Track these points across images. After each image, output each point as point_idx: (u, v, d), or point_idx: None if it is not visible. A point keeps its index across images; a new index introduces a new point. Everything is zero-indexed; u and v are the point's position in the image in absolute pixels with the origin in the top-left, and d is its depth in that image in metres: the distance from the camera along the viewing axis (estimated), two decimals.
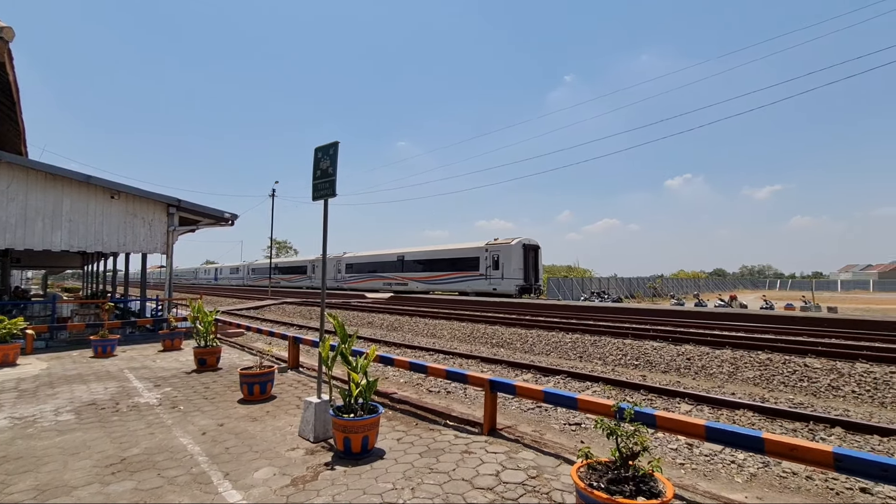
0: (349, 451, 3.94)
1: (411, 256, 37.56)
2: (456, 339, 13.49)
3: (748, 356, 9.00)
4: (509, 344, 12.26)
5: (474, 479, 3.50)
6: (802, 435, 5.41)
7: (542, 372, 8.66)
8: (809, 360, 8.42)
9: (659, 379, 8.36)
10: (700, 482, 4.12)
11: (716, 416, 6.11)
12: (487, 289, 30.33)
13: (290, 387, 6.66)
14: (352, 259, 44.33)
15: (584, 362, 10.02)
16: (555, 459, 3.92)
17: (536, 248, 30.67)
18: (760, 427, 5.69)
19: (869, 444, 5.07)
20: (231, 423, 4.96)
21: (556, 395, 4.12)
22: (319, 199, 4.76)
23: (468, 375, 4.91)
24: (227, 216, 13.81)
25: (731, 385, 7.94)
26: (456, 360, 10.08)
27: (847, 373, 7.69)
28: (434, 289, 35.29)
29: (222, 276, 71.33)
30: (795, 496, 3.92)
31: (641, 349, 10.20)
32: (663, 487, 2.38)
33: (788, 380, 7.81)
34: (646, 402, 6.77)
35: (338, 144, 4.61)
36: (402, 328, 15.96)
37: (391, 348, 11.72)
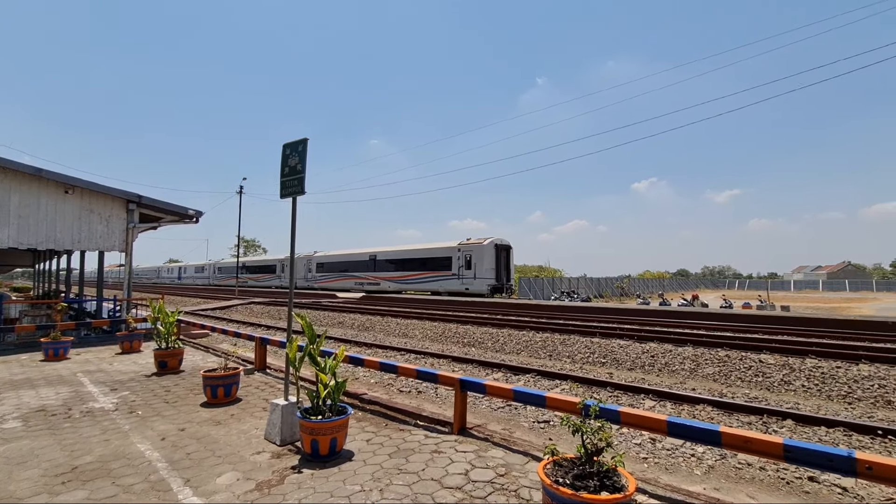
0: (317, 454, 3.88)
1: (384, 256, 37.28)
2: (428, 339, 13.48)
3: (708, 353, 9.38)
4: (481, 343, 12.35)
5: (444, 479, 3.50)
6: (757, 428, 5.67)
7: (512, 371, 8.75)
8: (764, 357, 8.84)
9: (625, 376, 8.60)
10: (662, 475, 4.26)
11: (678, 412, 6.33)
12: (460, 288, 30.45)
13: (256, 389, 6.49)
14: (322, 258, 43.61)
15: (554, 361, 10.20)
16: (523, 457, 3.97)
17: (508, 248, 31.00)
18: (719, 421, 5.93)
19: (817, 435, 5.37)
20: (193, 428, 4.79)
21: (526, 394, 4.17)
22: (288, 197, 4.66)
23: (439, 375, 4.92)
24: (191, 213, 13.32)
25: (693, 381, 8.25)
26: (427, 359, 10.07)
27: (798, 368, 8.12)
28: (406, 288, 35.15)
29: (186, 276, 68.86)
30: (749, 486, 4.11)
31: (609, 347, 10.46)
32: (626, 482, 2.44)
33: (745, 375, 8.18)
34: (612, 399, 6.95)
35: (307, 141, 4.52)
36: (373, 328, 15.82)
37: (362, 348, 11.59)
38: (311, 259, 44.51)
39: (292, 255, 4.66)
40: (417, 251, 34.76)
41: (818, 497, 3.89)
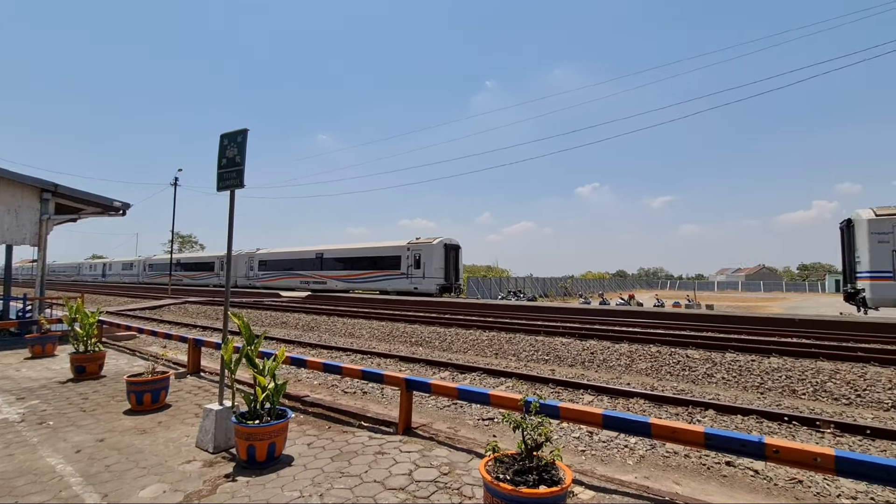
0: (253, 460, 3.70)
1: (331, 254, 36.38)
2: (375, 339, 13.31)
3: (642, 349, 9.96)
4: (428, 342, 12.36)
5: (387, 480, 3.46)
6: (683, 418, 6.09)
7: (459, 369, 8.83)
8: (691, 352, 9.53)
9: (566, 372, 8.93)
10: (598, 467, 4.46)
11: (614, 405, 6.67)
12: (409, 288, 30.32)
13: (188, 394, 6.10)
14: (266, 256, 41.84)
15: (500, 359, 10.40)
16: (467, 455, 4.01)
17: (457, 247, 31.29)
18: (650, 413, 6.31)
19: (734, 423, 5.85)
20: (114, 438, 4.41)
21: (470, 392, 4.22)
22: (225, 190, 4.41)
23: (384, 375, 4.86)
24: (117, 205, 12.28)
25: (628, 376, 8.72)
26: (374, 359, 9.94)
27: (719, 362, 8.81)
28: (354, 287, 34.51)
29: (112, 273, 63.52)
30: (675, 472, 4.40)
31: (552, 345, 10.83)
32: (563, 475, 2.53)
33: (674, 370, 8.76)
34: (553, 395, 7.19)
35: (247, 132, 4.30)
36: (318, 328, 15.38)
37: (306, 349, 11.23)
38: (254, 256, 42.58)
39: (229, 252, 4.42)
40: (366, 249, 34.24)
41: (733, 480, 4.23)
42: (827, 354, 8.85)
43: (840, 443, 5.18)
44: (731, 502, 3.75)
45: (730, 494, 3.96)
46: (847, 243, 18.43)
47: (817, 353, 8.98)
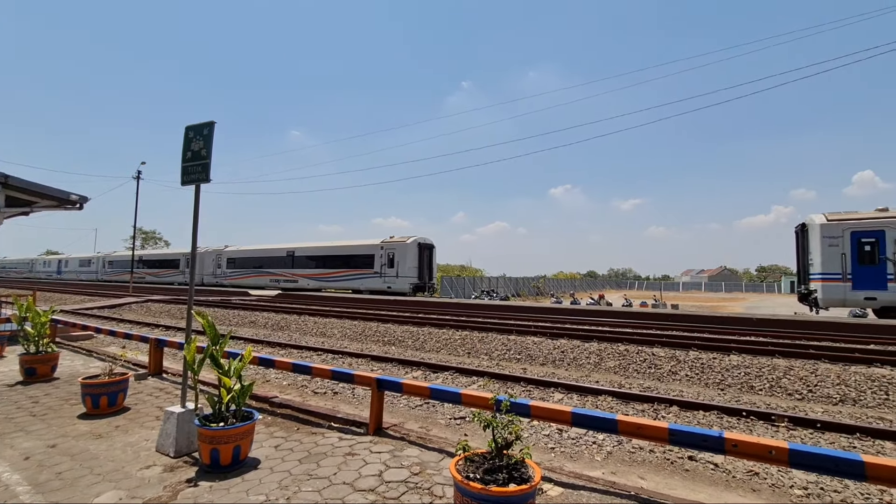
0: (217, 464, 3.58)
1: (303, 252, 35.71)
2: (346, 338, 13.14)
3: (610, 348, 10.19)
4: (401, 342, 12.29)
5: (356, 482, 3.41)
6: (648, 415, 6.26)
7: (431, 369, 8.82)
8: (657, 350, 9.82)
9: (538, 371, 9.05)
10: (567, 463, 4.53)
11: (582, 403, 6.79)
12: (382, 287, 30.09)
13: (149, 396, 5.86)
14: (234, 253, 40.70)
15: (473, 358, 10.45)
16: (438, 454, 4.01)
17: (431, 247, 31.25)
18: (617, 410, 6.46)
19: (696, 419, 6.06)
20: (67, 444, 4.19)
21: (442, 391, 4.21)
22: (190, 184, 4.25)
23: (355, 375, 4.79)
24: (73, 198, 11.65)
25: (597, 374, 8.91)
26: (346, 359, 9.81)
27: (683, 360, 9.12)
28: (326, 286, 33.99)
29: (69, 269, 60.41)
30: (641, 468, 4.52)
31: (524, 344, 10.95)
32: (532, 472, 2.55)
33: (640, 367, 9.00)
34: (525, 393, 7.26)
35: (213, 125, 4.16)
36: (288, 327, 15.06)
37: (275, 349, 10.98)
38: (222, 254, 41.35)
39: (194, 248, 4.26)
40: (339, 248, 33.78)
41: (695, 474, 4.38)
42: (782, 352, 9.29)
43: (793, 436, 5.44)
44: (691, 495, 3.88)
45: (691, 488, 4.10)
46: (801, 246, 19.40)
47: (773, 350, 9.41)
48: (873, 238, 16.88)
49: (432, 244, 31.39)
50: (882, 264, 16.62)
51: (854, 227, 17.24)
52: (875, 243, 16.83)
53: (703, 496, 3.89)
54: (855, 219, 17.50)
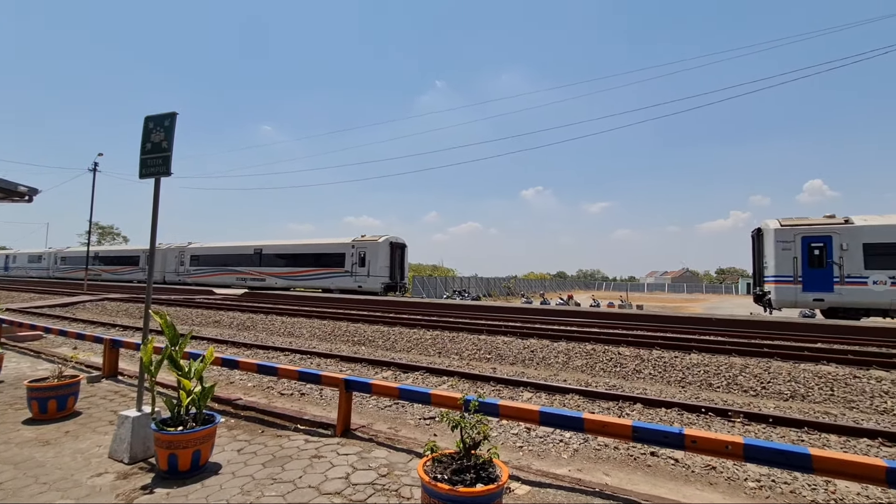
0: (175, 470, 3.43)
1: (271, 250, 34.84)
2: (316, 338, 12.89)
3: (578, 347, 10.41)
4: (371, 341, 12.17)
5: (322, 485, 3.34)
6: (614, 412, 6.43)
7: (401, 369, 8.76)
8: (622, 349, 10.09)
9: (507, 370, 9.14)
10: (534, 462, 4.59)
11: (551, 402, 6.90)
12: (353, 286, 29.72)
13: (103, 400, 5.57)
14: (199, 250, 39.31)
15: (443, 358, 10.45)
16: (407, 455, 3.98)
17: (403, 246, 31.09)
18: (584, 408, 6.59)
19: (658, 416, 6.26)
20: (10, 451, 3.93)
21: (411, 392, 4.18)
22: (148, 177, 4.06)
23: (322, 375, 4.70)
24: (22, 189, 10.94)
25: (565, 373, 9.07)
26: (314, 359, 9.62)
27: (647, 358, 9.41)
28: (295, 285, 33.29)
29: (16, 266, 56.85)
30: (605, 464, 4.63)
31: (494, 344, 11.04)
32: (500, 472, 2.56)
33: (606, 366, 9.23)
34: (494, 393, 7.32)
35: (175, 116, 3.98)
36: (255, 327, 14.66)
37: (240, 349, 10.66)
38: (185, 251, 39.87)
39: (153, 244, 4.08)
40: (309, 246, 33.15)
41: (656, 469, 4.52)
42: (738, 351, 9.72)
43: (748, 431, 5.70)
44: (653, 490, 3.99)
45: (653, 483, 4.22)
46: (757, 250, 20.37)
47: (730, 349, 9.83)
48: (822, 243, 17.90)
49: (404, 243, 31.24)
50: (829, 268, 17.65)
51: (804, 232, 18.23)
52: (823, 248, 17.85)
53: (663, 491, 4.02)
54: (805, 224, 18.52)
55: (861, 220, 17.85)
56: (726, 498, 3.96)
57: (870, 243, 17.24)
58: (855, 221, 17.85)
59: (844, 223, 17.93)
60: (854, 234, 17.48)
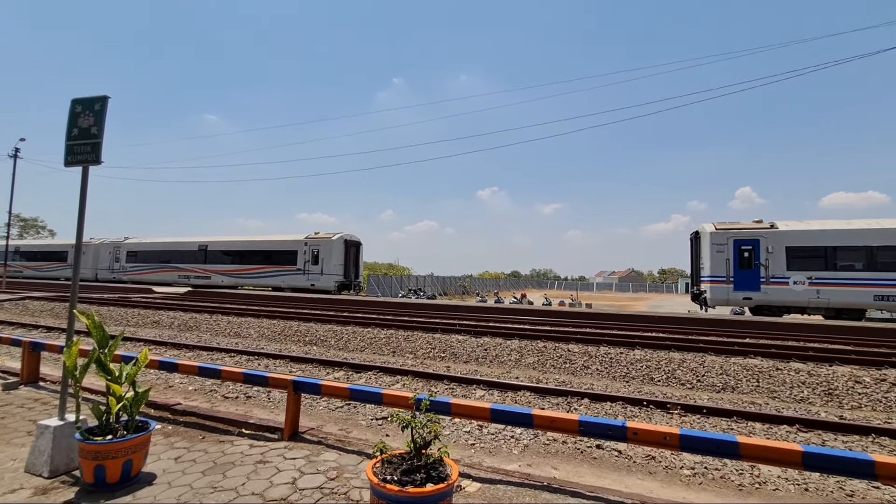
0: (103, 482, 3.18)
1: (217, 246, 33.19)
2: (264, 339, 12.41)
3: (530, 345, 10.66)
4: (323, 341, 11.87)
5: (267, 491, 3.21)
6: (562, 408, 6.63)
7: (354, 369, 8.61)
8: (572, 347, 10.44)
9: (461, 369, 9.20)
10: (486, 458, 4.65)
11: (503, 399, 7.02)
12: (305, 284, 28.90)
13: (20, 408, 5.08)
14: (136, 246, 36.79)
15: (397, 357, 10.37)
16: (358, 457, 3.90)
17: (358, 244, 30.60)
18: (535, 405, 6.76)
19: (604, 410, 6.52)
20: None
21: (362, 392, 4.11)
22: (75, 165, 3.73)
23: (269, 377, 4.52)
24: None
25: (517, 370, 9.26)
26: (262, 360, 9.25)
27: (594, 355, 9.79)
28: (243, 283, 31.91)
29: None
30: (554, 458, 4.76)
31: (448, 342, 11.09)
32: (450, 470, 2.57)
33: (557, 363, 9.51)
34: (448, 391, 7.35)
35: (107, 100, 3.68)
36: (198, 327, 13.90)
37: (181, 351, 10.06)
38: (121, 246, 37.20)
39: (79, 238, 3.75)
40: (258, 243, 31.88)
41: (601, 461, 4.71)
42: (677, 346, 10.32)
43: (684, 422, 6.06)
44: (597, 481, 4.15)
45: (598, 474, 4.39)
46: (694, 252, 21.74)
47: (670, 345, 10.42)
48: (751, 246, 19.37)
49: (359, 241, 30.75)
50: (756, 269, 19.13)
51: (736, 235, 19.65)
52: (752, 250, 19.33)
53: (607, 481, 4.19)
54: (737, 228, 19.97)
55: (784, 226, 19.49)
56: (664, 486, 4.19)
57: (791, 246, 18.86)
58: (779, 226, 19.46)
59: (770, 228, 19.50)
60: (778, 238, 19.05)
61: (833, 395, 7.47)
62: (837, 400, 7.33)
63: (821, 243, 18.57)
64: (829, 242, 18.48)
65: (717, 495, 4.04)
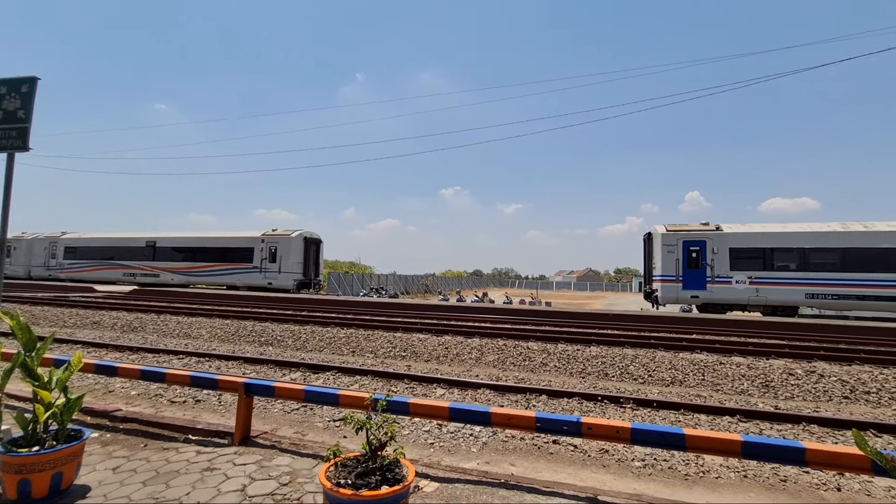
0: (28, 498, 2.92)
1: (167, 243, 31.54)
2: (217, 339, 11.88)
3: (491, 343, 10.77)
4: (280, 342, 11.51)
5: (214, 500, 3.06)
6: (521, 405, 6.73)
7: (312, 369, 8.39)
8: (531, 344, 10.63)
9: (422, 368, 9.16)
10: (444, 457, 4.64)
11: (463, 397, 7.04)
12: (262, 283, 27.96)
13: None
14: (75, 241, 34.36)
15: (357, 357, 10.20)
16: (313, 460, 3.79)
17: (318, 241, 29.92)
18: (494, 402, 6.82)
19: (561, 406, 6.67)
20: None
21: (318, 393, 4.00)
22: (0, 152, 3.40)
23: (219, 380, 4.32)
24: None
25: (478, 368, 9.33)
26: (214, 362, 8.85)
27: (552, 352, 10.01)
28: (196, 282, 30.49)
29: None
30: (512, 455, 4.82)
31: (409, 341, 11.02)
32: (406, 471, 2.53)
33: (516, 361, 9.66)
34: (408, 390, 7.29)
35: (36, 81, 3.37)
36: (144, 328, 13.12)
37: (123, 353, 9.47)
38: (58, 242, 34.65)
39: (3, 231, 3.42)
40: (212, 239, 30.57)
41: (558, 456, 4.81)
42: (630, 343, 10.74)
43: (636, 415, 6.29)
44: (554, 476, 4.23)
45: (554, 469, 4.48)
46: (647, 252, 22.72)
47: (624, 342, 10.83)
48: (698, 247, 20.46)
49: (319, 239, 30.08)
50: (703, 269, 20.23)
51: (685, 237, 20.70)
52: (699, 251, 20.42)
53: (563, 476, 4.28)
54: (686, 230, 21.03)
55: (728, 228, 20.70)
56: (617, 478, 4.33)
57: (734, 248, 20.07)
58: (724, 229, 20.65)
59: (716, 230, 20.67)
60: (723, 240, 20.22)
61: (769, 387, 7.99)
62: (773, 391, 7.85)
63: (760, 245, 19.88)
64: (767, 244, 19.81)
65: (666, 485, 4.21)
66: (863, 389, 7.80)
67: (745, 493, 4.12)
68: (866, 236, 18.73)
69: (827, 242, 19.14)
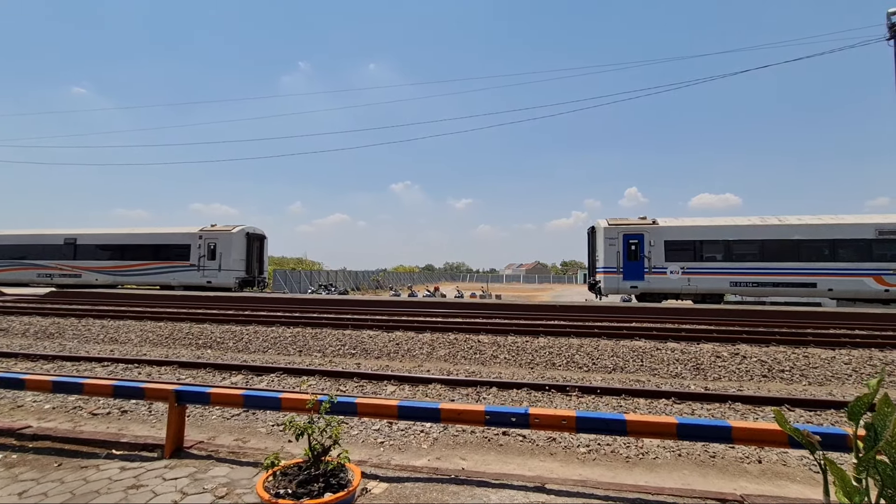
0: None
1: (90, 240, 28.90)
2: (148, 343, 11.04)
3: (442, 337, 10.77)
4: (220, 344, 10.87)
5: None
6: (472, 398, 6.77)
7: (255, 372, 7.99)
8: (482, 337, 10.75)
9: (372, 365, 9.00)
10: (395, 456, 4.56)
11: (413, 393, 6.97)
12: (200, 282, 26.36)
13: None
14: None
15: (304, 356, 9.84)
16: (254, 469, 3.57)
17: (262, 237, 28.63)
18: (445, 397, 6.82)
19: (510, 398, 6.78)
20: None
21: (257, 398, 3.78)
22: None
23: (145, 388, 3.97)
24: None
25: (429, 363, 9.29)
26: (144, 368, 8.20)
27: (502, 344, 10.18)
28: (124, 282, 28.22)
29: None
30: (462, 449, 4.82)
31: (359, 338, 10.79)
32: (352, 476, 2.43)
33: (467, 354, 9.72)
34: (358, 389, 7.13)
35: None
36: (63, 334, 11.94)
37: (36, 363, 8.56)
38: None
39: None
40: (143, 236, 28.38)
41: (507, 447, 4.87)
42: (576, 333, 11.13)
43: (581, 403, 6.51)
44: (504, 468, 4.28)
45: (504, 460, 4.53)
46: (591, 245, 23.70)
47: (570, 332, 11.21)
48: (637, 240, 21.60)
49: (263, 235, 28.79)
50: (641, 260, 21.39)
51: (625, 230, 21.77)
52: (638, 244, 21.56)
53: (512, 466, 4.34)
54: (626, 224, 22.13)
55: (664, 222, 22.01)
56: (563, 465, 4.44)
57: (669, 240, 21.37)
58: (660, 223, 21.93)
59: (652, 224, 21.90)
60: (658, 233, 21.47)
61: (700, 370, 8.57)
62: (703, 373, 8.43)
63: (691, 238, 21.31)
64: (697, 237, 21.28)
65: (609, 469, 4.38)
66: (778, 368, 8.56)
67: (679, 471, 4.37)
68: (780, 229, 20.60)
69: (747, 235, 20.87)
